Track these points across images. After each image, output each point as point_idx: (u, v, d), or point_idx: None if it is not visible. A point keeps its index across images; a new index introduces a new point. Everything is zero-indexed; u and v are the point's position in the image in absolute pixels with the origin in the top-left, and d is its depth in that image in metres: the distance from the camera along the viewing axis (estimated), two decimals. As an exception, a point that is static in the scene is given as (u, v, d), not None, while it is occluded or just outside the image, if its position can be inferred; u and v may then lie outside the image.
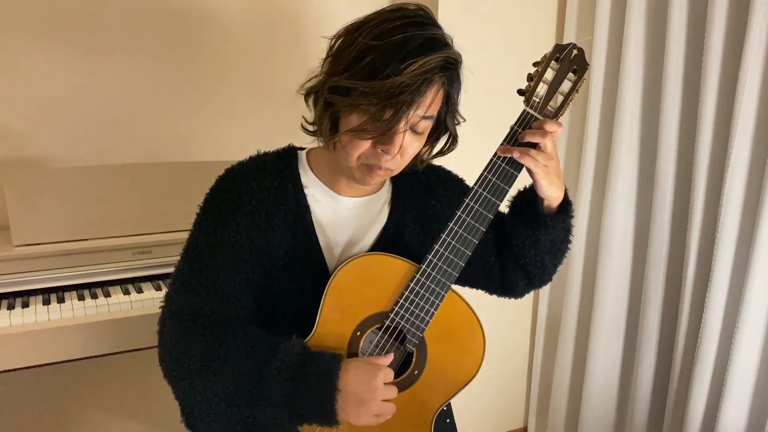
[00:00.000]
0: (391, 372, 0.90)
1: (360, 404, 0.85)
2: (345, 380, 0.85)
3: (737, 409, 1.50)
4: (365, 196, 1.01)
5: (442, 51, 0.83)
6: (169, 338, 0.90)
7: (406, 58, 0.81)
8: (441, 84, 0.87)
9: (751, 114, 1.40)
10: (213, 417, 0.85)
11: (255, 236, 0.93)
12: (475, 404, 2.18)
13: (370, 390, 0.85)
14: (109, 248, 1.40)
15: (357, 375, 0.86)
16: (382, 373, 0.87)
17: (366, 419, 0.85)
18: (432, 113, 0.88)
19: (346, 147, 0.88)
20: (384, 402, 0.87)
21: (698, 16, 1.54)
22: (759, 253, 1.39)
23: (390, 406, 0.89)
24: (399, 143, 0.86)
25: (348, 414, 0.85)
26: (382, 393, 0.86)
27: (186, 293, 0.92)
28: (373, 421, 0.86)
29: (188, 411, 0.87)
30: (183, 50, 1.66)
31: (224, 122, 1.75)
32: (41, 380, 1.67)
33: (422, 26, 0.84)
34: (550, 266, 1.10)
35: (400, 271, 0.93)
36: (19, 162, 1.55)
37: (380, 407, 0.87)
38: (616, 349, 1.89)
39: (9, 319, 1.25)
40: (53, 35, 1.52)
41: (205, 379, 0.85)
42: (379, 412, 0.87)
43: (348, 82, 0.83)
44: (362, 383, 0.85)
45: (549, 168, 0.91)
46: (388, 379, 0.89)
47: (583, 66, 0.91)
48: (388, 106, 0.82)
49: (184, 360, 0.87)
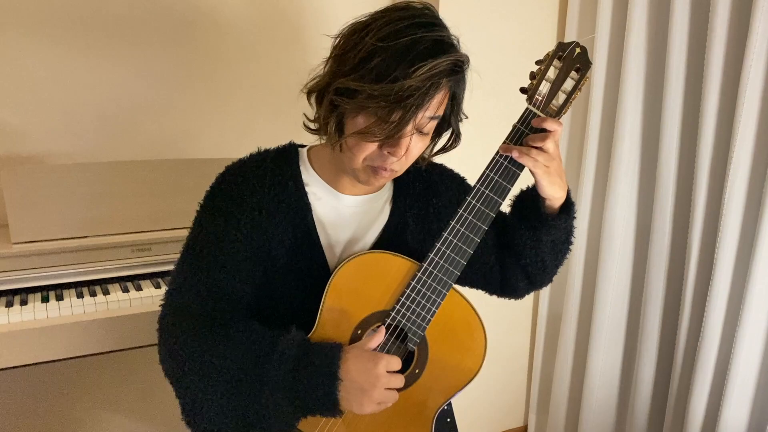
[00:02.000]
0: (397, 360, 0.88)
1: (362, 393, 0.84)
2: (346, 369, 0.84)
3: (738, 409, 1.49)
4: (367, 194, 1.01)
5: (450, 54, 0.83)
6: (168, 336, 0.90)
7: (415, 61, 0.80)
8: (449, 86, 0.86)
9: (753, 113, 1.40)
10: (214, 413, 0.84)
11: (255, 234, 0.92)
12: (476, 402, 2.18)
13: (372, 378, 0.84)
14: (108, 246, 1.39)
15: (358, 363, 0.85)
16: (383, 361, 0.85)
17: (369, 407, 0.84)
18: (439, 114, 0.88)
19: (352, 149, 0.87)
20: (387, 390, 0.86)
21: (700, 14, 1.54)
22: (760, 254, 1.39)
23: (393, 394, 0.87)
24: (406, 145, 0.86)
25: (350, 403, 0.84)
26: (384, 381, 0.85)
27: (186, 291, 0.92)
28: (376, 409, 0.85)
29: (189, 408, 0.86)
30: (183, 47, 1.66)
31: (224, 119, 1.75)
32: (40, 378, 1.67)
33: (429, 27, 0.83)
34: (551, 267, 1.09)
35: (401, 269, 0.92)
36: (18, 159, 1.54)
37: (383, 395, 0.85)
38: (616, 348, 1.88)
39: (8, 316, 1.24)
40: (52, 31, 1.51)
41: (206, 375, 0.84)
42: (381, 400, 0.85)
43: (355, 84, 0.82)
44: (364, 371, 0.84)
45: (550, 168, 0.91)
46: (392, 367, 0.87)
47: (586, 64, 0.90)
48: (396, 109, 0.81)
49: (184, 357, 0.86)
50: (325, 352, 0.85)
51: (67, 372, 1.69)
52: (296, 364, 0.84)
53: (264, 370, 0.84)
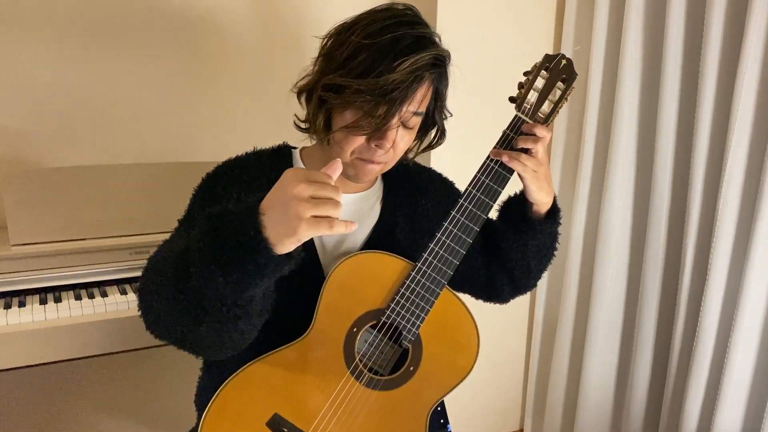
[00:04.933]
0: (317, 173, 0.74)
1: (284, 211, 0.71)
2: (265, 202, 0.74)
3: (733, 412, 1.50)
4: (358, 193, 1.04)
5: (432, 49, 0.87)
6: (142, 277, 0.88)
7: (398, 56, 0.84)
8: (431, 81, 0.90)
9: (748, 118, 1.42)
10: (163, 308, 0.81)
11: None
12: (472, 406, 2.18)
13: (288, 190, 0.72)
14: (106, 248, 1.40)
15: (274, 190, 0.75)
16: (295, 172, 0.74)
17: (301, 226, 0.71)
18: (422, 109, 0.91)
19: (341, 143, 0.91)
20: (315, 199, 0.71)
21: (696, 22, 1.55)
22: (755, 258, 1.40)
23: (325, 202, 0.71)
24: (392, 138, 0.89)
25: (278, 231, 0.71)
26: (303, 187, 0.71)
27: (168, 244, 0.92)
28: (314, 225, 0.71)
29: (146, 310, 0.85)
30: (182, 51, 1.67)
31: (223, 122, 1.76)
32: (38, 380, 1.67)
33: (412, 25, 0.88)
34: (536, 271, 1.12)
35: (396, 269, 0.94)
36: (17, 161, 1.55)
37: (309, 205, 0.71)
38: (612, 351, 1.89)
39: (6, 318, 1.25)
40: (52, 34, 1.52)
41: (159, 274, 0.82)
42: (312, 211, 0.71)
43: (342, 79, 0.86)
44: (279, 189, 0.74)
45: (538, 173, 0.95)
46: (313, 176, 0.73)
47: (572, 75, 0.95)
48: (382, 103, 0.85)
49: (151, 278, 0.85)
50: (243, 204, 0.76)
51: (66, 374, 1.69)
52: (215, 221, 0.74)
53: (188, 245, 0.77)
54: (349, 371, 0.93)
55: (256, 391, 0.91)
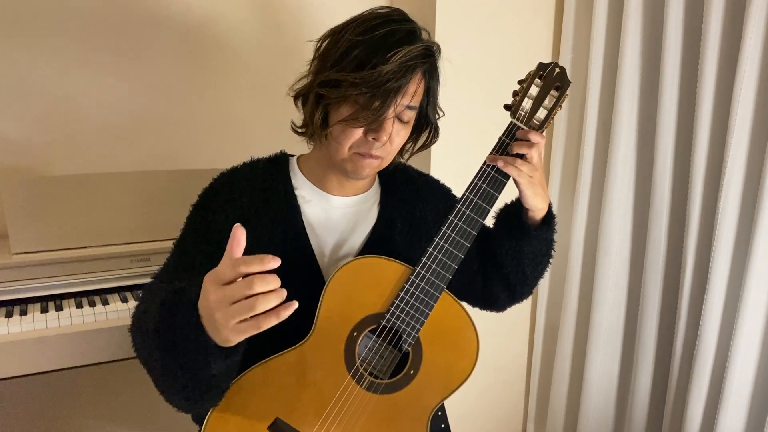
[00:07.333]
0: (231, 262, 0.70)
1: (213, 319, 0.71)
2: (199, 306, 0.75)
3: (735, 416, 1.50)
4: (355, 195, 1.05)
5: (422, 41, 0.92)
6: (133, 317, 0.92)
7: (391, 48, 0.88)
8: (423, 73, 0.93)
9: (747, 121, 1.42)
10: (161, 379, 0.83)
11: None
12: (474, 411, 2.18)
13: (204, 297, 0.73)
14: (107, 256, 1.40)
15: (201, 296, 0.74)
16: (211, 276, 0.72)
17: (231, 331, 0.70)
18: (415, 103, 0.94)
19: (338, 137, 0.93)
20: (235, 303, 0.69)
21: (694, 25, 1.56)
22: (756, 259, 1.40)
23: (246, 302, 0.68)
24: (389, 130, 0.92)
25: (218, 332, 0.72)
26: (219, 295, 0.70)
27: (165, 276, 0.94)
28: (245, 327, 0.69)
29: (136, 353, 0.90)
30: (182, 58, 1.68)
31: (223, 131, 1.76)
32: (39, 388, 1.67)
33: (402, 22, 0.92)
34: (531, 278, 1.13)
35: (395, 273, 0.95)
36: (18, 169, 1.55)
37: (231, 310, 0.69)
38: (613, 356, 1.89)
39: (7, 327, 1.25)
40: (53, 42, 1.53)
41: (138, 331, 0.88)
42: (235, 316, 0.69)
43: (338, 75, 0.89)
44: (203, 298, 0.74)
45: (533, 179, 0.97)
46: (223, 276, 0.70)
47: (565, 83, 0.97)
48: (377, 95, 0.87)
49: (135, 327, 0.90)
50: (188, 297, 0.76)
51: (67, 382, 1.69)
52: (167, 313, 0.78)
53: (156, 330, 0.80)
54: (349, 375, 0.93)
55: (257, 395, 0.91)
